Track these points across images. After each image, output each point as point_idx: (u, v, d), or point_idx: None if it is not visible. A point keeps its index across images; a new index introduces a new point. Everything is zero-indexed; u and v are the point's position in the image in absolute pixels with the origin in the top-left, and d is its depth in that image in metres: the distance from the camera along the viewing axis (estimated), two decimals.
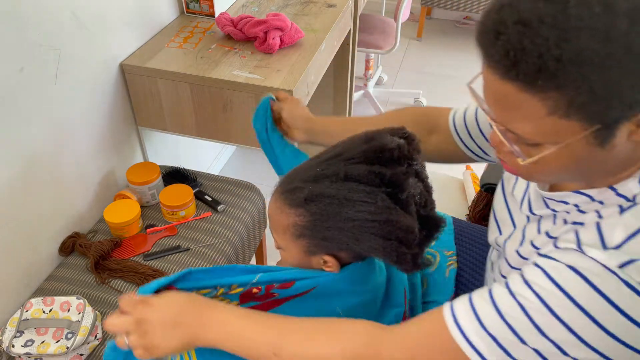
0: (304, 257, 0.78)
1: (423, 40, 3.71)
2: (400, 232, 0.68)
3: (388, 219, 0.68)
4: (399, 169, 0.70)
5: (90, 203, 1.51)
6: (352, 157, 0.72)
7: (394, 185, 0.69)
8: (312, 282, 0.76)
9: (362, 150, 0.72)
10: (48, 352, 1.10)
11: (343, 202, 0.69)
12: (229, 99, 1.47)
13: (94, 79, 1.42)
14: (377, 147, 0.71)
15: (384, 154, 0.71)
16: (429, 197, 0.73)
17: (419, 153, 0.74)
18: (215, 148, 2.37)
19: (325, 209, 0.71)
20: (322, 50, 1.65)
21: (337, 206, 0.70)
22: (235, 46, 1.60)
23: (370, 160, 0.71)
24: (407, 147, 0.72)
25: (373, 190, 0.69)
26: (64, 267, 1.37)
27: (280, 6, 1.88)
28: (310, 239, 0.74)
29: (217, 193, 1.60)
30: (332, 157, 0.74)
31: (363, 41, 2.61)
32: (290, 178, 0.76)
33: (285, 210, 0.74)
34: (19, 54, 1.16)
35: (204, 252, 1.40)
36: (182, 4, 1.78)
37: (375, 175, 0.69)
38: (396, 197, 0.69)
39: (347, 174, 0.70)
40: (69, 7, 1.28)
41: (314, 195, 0.71)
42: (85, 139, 1.44)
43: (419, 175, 0.73)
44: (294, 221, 0.74)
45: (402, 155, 0.71)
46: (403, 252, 0.69)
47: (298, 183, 0.74)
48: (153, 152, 1.79)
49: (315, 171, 0.73)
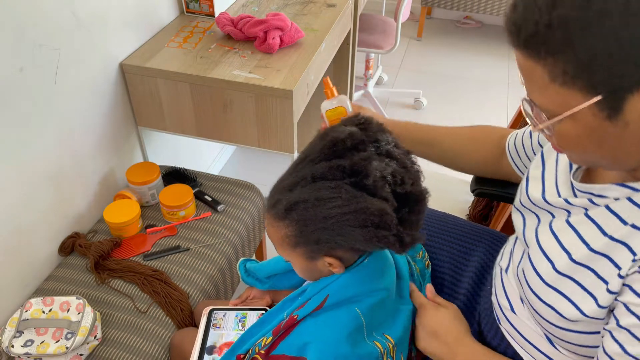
0: (308, 264, 0.79)
1: (423, 40, 3.71)
2: (373, 217, 0.69)
3: (357, 208, 0.69)
4: (358, 156, 0.71)
5: (90, 203, 1.51)
6: (314, 158, 0.73)
7: (357, 173, 0.70)
8: (323, 293, 0.78)
9: (319, 149, 0.73)
10: (48, 352, 1.10)
11: (315, 203, 0.71)
12: (229, 98, 1.47)
13: (94, 78, 1.42)
14: (330, 141, 0.72)
15: (338, 146, 0.71)
16: (407, 173, 0.73)
17: (384, 132, 0.75)
18: (215, 148, 2.37)
19: (303, 214, 0.72)
20: (322, 50, 1.65)
21: (312, 209, 0.71)
22: (235, 46, 1.60)
23: (328, 156, 0.72)
24: (360, 133, 0.73)
25: (338, 185, 0.70)
26: (63, 267, 1.37)
27: (280, 6, 1.88)
28: (305, 245, 0.76)
29: (217, 193, 1.60)
30: (299, 162, 0.76)
31: (363, 41, 2.61)
32: (272, 192, 0.78)
33: (275, 224, 0.76)
34: (19, 54, 1.16)
35: (204, 252, 1.40)
36: (182, 4, 1.78)
37: (336, 169, 0.70)
38: (362, 184, 0.70)
39: (314, 175, 0.71)
40: (68, 7, 1.28)
41: (291, 204, 0.73)
42: (85, 139, 1.44)
43: (390, 154, 0.73)
44: (285, 233, 0.75)
45: (357, 142, 0.72)
46: (384, 235, 0.70)
47: (278, 195, 0.75)
48: (153, 152, 1.79)
49: (289, 180, 0.75)
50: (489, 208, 1.73)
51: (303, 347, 0.78)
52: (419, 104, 2.96)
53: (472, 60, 3.47)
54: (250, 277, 1.05)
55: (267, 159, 2.49)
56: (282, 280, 1.03)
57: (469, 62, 3.44)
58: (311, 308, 0.79)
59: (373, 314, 0.79)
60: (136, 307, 1.26)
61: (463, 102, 3.01)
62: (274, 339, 0.82)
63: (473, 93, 3.10)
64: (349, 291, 0.78)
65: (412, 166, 0.75)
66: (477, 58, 3.48)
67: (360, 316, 0.78)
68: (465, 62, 3.43)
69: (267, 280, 1.04)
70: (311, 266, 0.79)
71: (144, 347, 1.17)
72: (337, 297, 0.78)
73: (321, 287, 0.80)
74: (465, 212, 1.83)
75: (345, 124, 0.76)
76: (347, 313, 0.78)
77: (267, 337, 0.83)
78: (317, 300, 0.79)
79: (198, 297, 1.31)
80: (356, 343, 0.77)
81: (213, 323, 1.03)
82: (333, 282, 0.79)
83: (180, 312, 1.25)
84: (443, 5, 3.54)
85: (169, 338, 1.21)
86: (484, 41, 3.70)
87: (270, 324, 0.85)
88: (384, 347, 0.79)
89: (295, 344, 0.79)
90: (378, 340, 0.79)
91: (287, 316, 0.82)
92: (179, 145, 2.00)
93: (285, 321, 0.81)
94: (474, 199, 1.81)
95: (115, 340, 1.19)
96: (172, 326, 1.24)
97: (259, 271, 1.04)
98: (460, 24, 3.90)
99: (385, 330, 0.81)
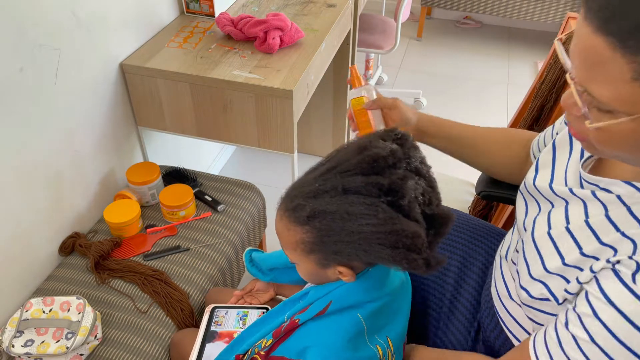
0: (318, 270, 0.78)
1: (423, 40, 3.71)
2: (406, 240, 0.67)
3: (392, 230, 0.67)
4: (396, 175, 0.69)
5: (90, 203, 1.51)
6: (348, 170, 0.70)
7: (394, 192, 0.68)
8: (326, 299, 0.78)
9: (356, 162, 0.70)
10: (48, 352, 1.10)
11: (345, 217, 0.69)
12: (229, 99, 1.47)
13: (94, 78, 1.42)
14: (371, 157, 0.69)
15: (379, 163, 0.69)
16: (433, 193, 0.72)
17: (416, 149, 0.73)
18: (215, 148, 2.37)
19: (329, 224, 0.70)
20: (322, 50, 1.65)
21: (340, 221, 0.69)
22: (235, 46, 1.60)
23: (366, 171, 0.69)
24: (400, 150, 0.71)
25: (373, 202, 0.68)
26: (63, 267, 1.37)
27: (280, 6, 1.88)
28: (321, 253, 0.74)
29: (217, 193, 1.60)
30: (328, 171, 0.72)
31: (363, 41, 2.61)
32: (291, 195, 0.75)
33: (292, 228, 0.74)
34: (19, 54, 1.16)
35: (204, 252, 1.40)
36: (182, 4, 1.78)
37: (373, 185, 0.68)
38: (398, 205, 0.68)
39: (345, 188, 0.69)
40: (69, 6, 1.28)
41: (316, 212, 0.71)
42: (85, 139, 1.44)
43: (419, 172, 0.72)
44: (302, 238, 0.74)
45: (397, 160, 0.70)
46: (413, 258, 0.68)
47: (300, 200, 0.73)
48: (153, 152, 1.79)
49: (314, 186, 0.72)
50: (489, 208, 1.73)
51: (303, 351, 0.78)
52: (419, 104, 2.96)
53: (472, 60, 3.47)
54: (254, 267, 1.05)
55: (267, 159, 2.49)
56: (282, 275, 1.03)
57: (468, 62, 3.44)
58: (313, 313, 0.78)
59: (375, 318, 0.79)
60: (136, 307, 1.26)
61: (463, 102, 3.01)
62: (274, 342, 0.82)
63: (473, 93, 3.10)
64: (353, 298, 0.78)
65: (435, 186, 0.73)
66: (477, 58, 3.48)
67: (362, 321, 0.78)
68: (465, 62, 3.43)
69: (269, 272, 1.04)
70: (320, 272, 0.78)
71: (144, 347, 1.17)
72: (340, 304, 0.78)
73: (325, 293, 0.79)
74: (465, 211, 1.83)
75: (384, 138, 0.73)
76: (349, 318, 0.77)
77: (268, 340, 0.83)
78: (320, 306, 0.78)
79: (198, 297, 1.31)
80: (357, 347, 0.77)
81: (215, 320, 1.03)
82: (337, 289, 0.78)
83: (181, 312, 1.25)
84: (443, 6, 3.54)
85: (169, 338, 1.21)
86: (484, 41, 3.70)
87: (270, 325, 0.85)
88: (383, 352, 0.79)
89: (295, 348, 0.79)
90: (379, 344, 0.79)
91: (288, 319, 0.81)
92: (179, 145, 2.00)
93: (287, 324, 0.81)
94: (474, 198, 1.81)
95: (115, 340, 1.19)
96: (172, 326, 1.24)
97: (262, 262, 1.05)
98: (460, 24, 3.90)
99: (388, 332, 0.81)
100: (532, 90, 1.62)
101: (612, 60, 0.52)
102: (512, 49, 3.61)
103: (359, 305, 0.78)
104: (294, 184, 0.77)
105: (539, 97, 1.51)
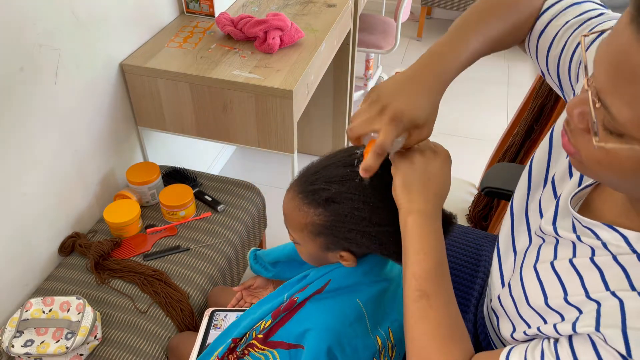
0: (320, 252, 0.78)
1: (423, 40, 3.71)
2: None
3: None
4: None
5: (90, 203, 1.51)
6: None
7: None
8: (325, 278, 0.79)
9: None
10: (48, 352, 1.10)
11: (374, 209, 0.70)
12: (228, 99, 1.47)
13: (93, 78, 1.42)
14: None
15: None
16: None
17: None
18: (215, 148, 2.37)
19: (350, 212, 0.70)
20: (322, 50, 1.65)
21: (367, 212, 0.70)
22: (235, 46, 1.60)
23: None
24: None
25: None
26: (63, 267, 1.37)
27: (280, 6, 1.88)
28: (330, 237, 0.75)
29: (217, 193, 1.60)
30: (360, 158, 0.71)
31: (363, 41, 2.61)
32: (311, 178, 0.75)
33: (304, 209, 0.74)
34: (19, 54, 1.16)
35: (204, 252, 1.40)
36: (182, 4, 1.78)
37: None
38: None
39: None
40: (68, 6, 1.28)
41: (340, 197, 0.71)
42: (85, 139, 1.44)
43: None
44: (312, 220, 0.74)
45: None
46: None
47: (321, 184, 0.73)
48: (153, 152, 1.79)
49: (343, 171, 0.72)
50: (488, 208, 1.73)
51: (302, 335, 0.78)
52: None
53: None
54: (258, 263, 1.05)
55: (267, 159, 2.49)
56: (285, 271, 1.03)
57: None
58: (312, 291, 0.79)
59: (376, 306, 0.80)
60: (136, 307, 1.26)
61: (463, 102, 3.01)
62: (273, 323, 0.81)
63: (473, 93, 3.10)
64: (351, 279, 0.78)
65: None
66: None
67: (361, 307, 0.78)
68: None
69: (272, 268, 1.04)
70: (322, 255, 0.79)
71: (144, 347, 1.17)
72: (338, 283, 0.78)
73: (324, 272, 0.79)
74: (465, 212, 1.83)
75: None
76: (348, 303, 0.78)
77: (266, 321, 0.82)
78: (319, 284, 0.79)
79: (198, 297, 1.31)
80: (357, 333, 0.77)
81: (214, 324, 1.03)
82: (337, 269, 0.79)
83: (180, 312, 1.25)
84: (443, 5, 3.54)
85: (168, 338, 1.21)
86: None
87: (268, 305, 0.84)
88: (383, 344, 0.79)
89: (295, 331, 0.79)
90: (379, 334, 0.80)
91: (287, 298, 0.81)
92: (179, 145, 2.00)
93: (285, 304, 0.80)
94: (474, 198, 1.81)
95: (115, 340, 1.19)
96: (172, 326, 1.24)
97: (266, 255, 1.05)
98: None
99: (390, 323, 0.81)
100: (532, 90, 1.62)
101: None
102: (512, 49, 3.60)
103: (357, 288, 0.79)
104: (312, 167, 0.77)
105: (539, 97, 1.51)
